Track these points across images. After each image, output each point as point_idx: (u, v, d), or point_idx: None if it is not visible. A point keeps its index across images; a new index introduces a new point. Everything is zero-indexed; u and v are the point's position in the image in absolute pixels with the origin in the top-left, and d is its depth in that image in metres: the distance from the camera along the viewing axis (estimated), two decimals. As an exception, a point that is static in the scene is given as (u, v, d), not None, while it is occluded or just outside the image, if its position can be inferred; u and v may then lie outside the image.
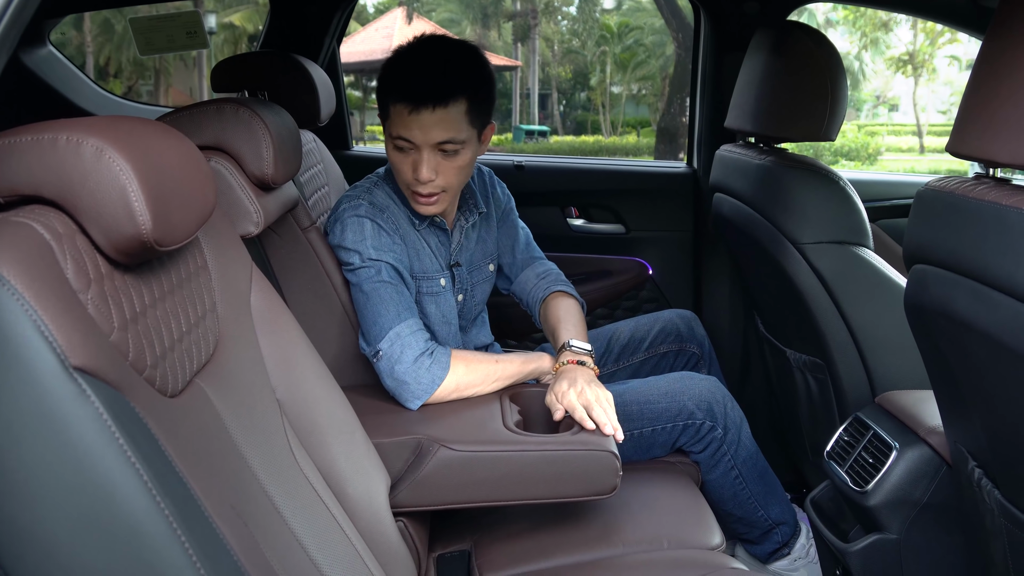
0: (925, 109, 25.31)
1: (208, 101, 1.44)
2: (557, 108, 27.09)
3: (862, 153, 17.72)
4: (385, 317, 1.66)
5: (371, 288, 1.68)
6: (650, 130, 22.88)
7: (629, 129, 24.98)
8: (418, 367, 1.63)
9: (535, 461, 1.51)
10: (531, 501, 1.55)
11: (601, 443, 1.52)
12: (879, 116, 28.91)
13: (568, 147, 20.03)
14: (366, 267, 1.69)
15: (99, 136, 0.91)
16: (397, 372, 1.63)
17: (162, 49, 2.27)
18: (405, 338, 1.65)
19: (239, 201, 1.41)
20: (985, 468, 1.35)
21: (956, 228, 1.17)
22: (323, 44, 2.48)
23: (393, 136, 1.69)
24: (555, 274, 2.06)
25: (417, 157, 1.69)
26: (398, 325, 1.65)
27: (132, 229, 0.92)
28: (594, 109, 26.09)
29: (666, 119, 13.71)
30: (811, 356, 1.95)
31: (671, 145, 13.48)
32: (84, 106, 2.56)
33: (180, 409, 1.01)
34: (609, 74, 24.59)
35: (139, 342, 0.95)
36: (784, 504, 2.01)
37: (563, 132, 25.05)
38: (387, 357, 1.64)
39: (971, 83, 1.17)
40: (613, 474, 1.51)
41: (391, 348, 1.64)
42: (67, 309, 0.82)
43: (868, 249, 1.82)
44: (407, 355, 1.63)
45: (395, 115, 1.67)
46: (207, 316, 1.18)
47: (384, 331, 1.65)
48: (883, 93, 28.22)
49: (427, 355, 1.64)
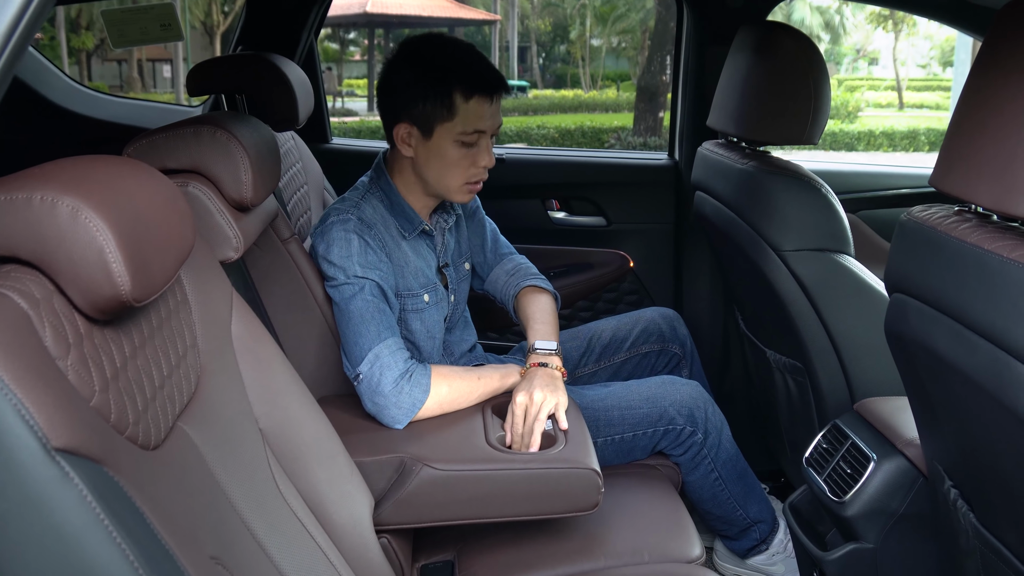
0: (905, 63, 25.31)
1: (185, 123, 1.41)
2: (536, 62, 26.85)
3: (842, 111, 17.70)
4: (365, 337, 1.64)
5: (353, 307, 1.67)
6: (630, 84, 22.73)
7: (609, 83, 24.83)
8: (398, 392, 1.62)
9: (518, 479, 1.52)
10: (514, 518, 1.56)
11: (583, 461, 1.53)
12: (859, 70, 28.92)
13: (548, 102, 19.87)
14: (350, 284, 1.67)
15: (74, 194, 0.89)
16: (377, 396, 1.63)
17: (135, 41, 2.22)
18: (384, 359, 1.63)
19: (218, 227, 1.39)
20: (960, 489, 1.37)
21: (938, 266, 1.17)
22: (300, 39, 2.43)
23: (468, 132, 1.69)
24: (525, 268, 2.07)
25: (479, 148, 1.72)
26: (378, 345, 1.64)
27: (111, 291, 0.91)
28: (574, 62, 25.88)
29: (646, 77, 13.57)
30: (791, 359, 1.97)
31: (651, 103, 13.38)
32: (57, 100, 2.51)
33: (163, 460, 1.01)
34: (589, 27, 24.35)
35: (120, 400, 0.94)
36: (763, 503, 2.04)
37: (542, 86, 24.86)
38: (367, 381, 1.63)
39: (956, 117, 1.16)
40: (595, 491, 1.52)
41: (370, 371, 1.63)
42: (46, 385, 0.81)
43: (849, 256, 1.83)
44: (386, 378, 1.62)
45: (472, 110, 1.68)
46: (188, 354, 1.17)
47: (364, 352, 1.64)
48: (863, 47, 28.17)
49: (406, 379, 1.63)
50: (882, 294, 1.80)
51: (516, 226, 2.61)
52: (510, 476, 1.52)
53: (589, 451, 1.56)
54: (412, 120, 1.70)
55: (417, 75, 1.68)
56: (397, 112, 1.71)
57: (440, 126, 1.69)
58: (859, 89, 22.84)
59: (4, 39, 0.77)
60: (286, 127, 1.90)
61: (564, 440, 1.59)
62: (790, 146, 1.90)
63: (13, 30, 0.78)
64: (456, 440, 1.60)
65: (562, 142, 14.31)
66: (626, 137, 13.92)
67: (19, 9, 0.77)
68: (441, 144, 1.70)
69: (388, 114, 1.74)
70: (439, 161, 1.72)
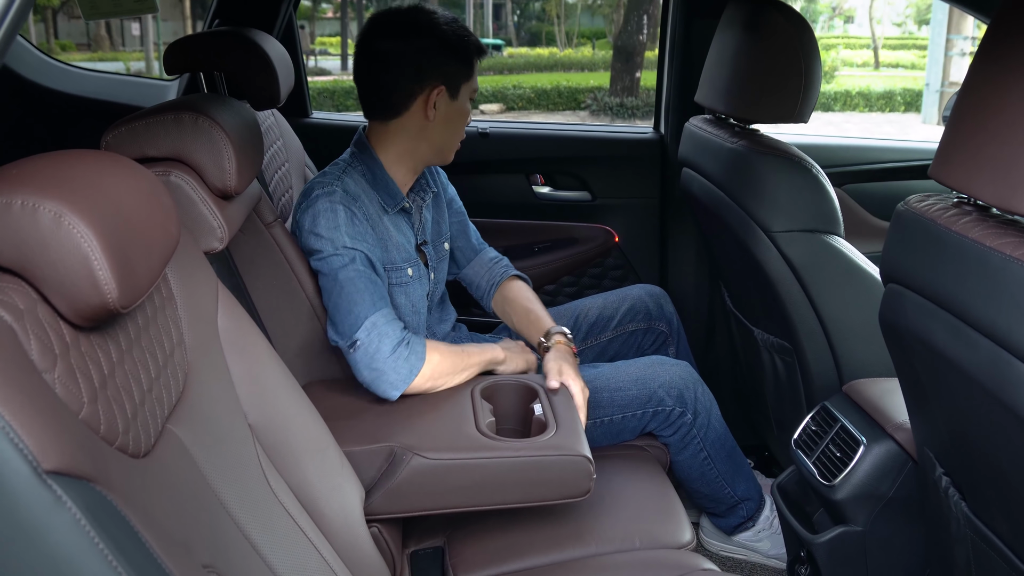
0: (880, 21, 25.25)
1: (165, 108, 1.36)
2: (511, 18, 26.52)
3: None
4: (361, 306, 1.63)
5: (345, 277, 1.65)
6: (605, 42, 22.53)
7: (584, 41, 24.59)
8: (396, 357, 1.62)
9: (509, 467, 1.51)
10: (505, 506, 1.55)
11: (575, 448, 1.52)
12: (835, 28, 28.81)
13: (523, 60, 19.66)
14: (339, 255, 1.66)
15: (56, 198, 0.86)
16: (376, 363, 1.61)
17: (108, 13, 2.14)
18: (382, 327, 1.63)
19: (202, 217, 1.35)
20: (952, 476, 1.38)
21: (937, 259, 1.16)
22: (279, 11, 2.36)
23: (475, 89, 1.83)
24: (502, 259, 2.13)
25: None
26: (374, 314, 1.63)
27: (97, 299, 0.88)
28: (548, 19, 25.58)
29: (623, 37, 13.41)
30: (779, 339, 1.96)
31: (628, 63, 13.26)
32: (28, 75, 2.42)
33: (154, 469, 0.99)
34: (565, -18, 24.09)
35: (109, 409, 0.92)
36: (750, 481, 2.05)
37: (517, 43, 24.57)
38: (364, 347, 1.62)
39: (957, 110, 1.15)
40: (587, 478, 1.52)
41: (368, 338, 1.62)
42: (35, 404, 0.79)
43: (839, 237, 1.81)
44: (385, 345, 1.62)
45: (477, 70, 1.82)
46: (175, 352, 1.15)
47: (360, 320, 1.63)
48: (839, 5, 28.06)
49: (404, 345, 1.64)
50: (872, 276, 1.80)
51: (500, 201, 2.59)
52: (502, 464, 1.51)
53: (580, 438, 1.55)
54: (441, 81, 1.75)
55: (441, 40, 1.75)
56: (423, 78, 1.74)
57: (464, 85, 1.79)
58: (835, 48, 22.76)
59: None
60: (267, 106, 1.85)
61: (556, 426, 1.58)
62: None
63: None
64: (446, 428, 1.58)
65: (538, 102, 14.20)
66: (603, 97, 13.81)
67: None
68: (462, 103, 1.81)
69: (407, 81, 1.74)
70: (459, 119, 1.82)
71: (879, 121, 14.18)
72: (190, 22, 18.14)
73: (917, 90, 15.26)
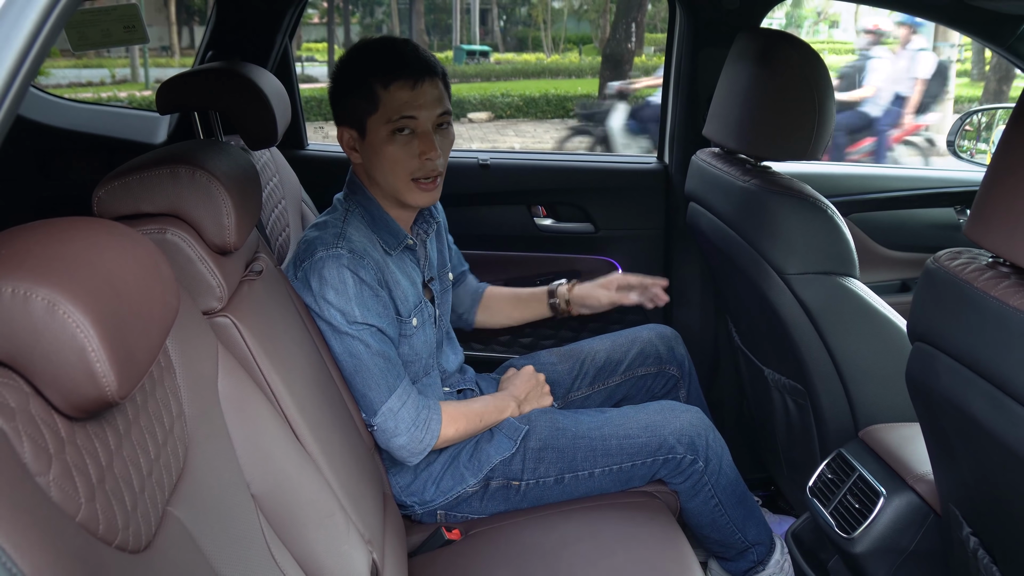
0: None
1: (160, 159, 1.29)
2: (498, 24, 26.47)
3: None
4: (375, 391, 1.66)
5: (358, 359, 1.65)
6: (592, 47, 22.48)
7: (571, 46, 24.54)
8: (412, 440, 1.69)
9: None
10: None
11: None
12: (819, 33, 28.86)
13: (510, 67, 19.58)
14: (351, 334, 1.64)
15: (48, 284, 0.80)
16: (392, 444, 1.69)
17: (97, 44, 2.09)
18: (398, 413, 1.67)
19: (200, 276, 1.28)
20: (980, 537, 1.33)
21: (973, 324, 1.11)
22: (274, 43, 2.28)
23: (393, 120, 1.63)
24: (475, 279, 2.22)
25: (420, 139, 1.65)
26: (389, 399, 1.66)
27: (95, 392, 0.82)
28: (535, 25, 25.54)
29: (611, 45, 13.35)
30: (791, 380, 1.91)
31: (616, 71, 13.21)
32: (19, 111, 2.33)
33: (155, 563, 0.93)
34: (550, -11, 24.05)
35: (108, 505, 0.86)
36: (761, 525, 2.00)
37: (504, 49, 24.51)
38: (381, 430, 1.69)
39: (992, 170, 1.10)
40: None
41: (384, 423, 1.67)
42: (29, 518, 0.73)
43: (854, 279, 1.76)
44: (401, 428, 1.67)
45: (393, 97, 1.63)
46: (175, 426, 1.09)
47: (375, 407, 1.66)
48: (824, 10, 28.13)
49: (420, 427, 1.69)
50: (888, 319, 1.75)
51: (501, 233, 2.53)
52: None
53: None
54: (347, 123, 1.69)
55: (342, 78, 1.67)
56: (337, 122, 1.71)
57: (369, 120, 1.65)
58: (820, 53, 22.83)
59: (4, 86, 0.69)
60: (263, 145, 1.79)
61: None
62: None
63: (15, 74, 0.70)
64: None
65: (527, 110, 14.13)
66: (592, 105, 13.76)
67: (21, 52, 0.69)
68: (375, 140, 1.66)
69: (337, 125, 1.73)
70: (379, 159, 1.67)
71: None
72: (175, 28, 18.03)
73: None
